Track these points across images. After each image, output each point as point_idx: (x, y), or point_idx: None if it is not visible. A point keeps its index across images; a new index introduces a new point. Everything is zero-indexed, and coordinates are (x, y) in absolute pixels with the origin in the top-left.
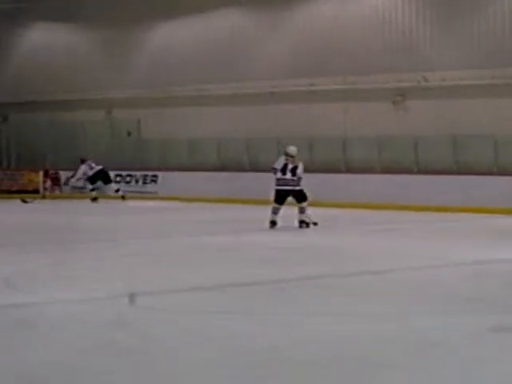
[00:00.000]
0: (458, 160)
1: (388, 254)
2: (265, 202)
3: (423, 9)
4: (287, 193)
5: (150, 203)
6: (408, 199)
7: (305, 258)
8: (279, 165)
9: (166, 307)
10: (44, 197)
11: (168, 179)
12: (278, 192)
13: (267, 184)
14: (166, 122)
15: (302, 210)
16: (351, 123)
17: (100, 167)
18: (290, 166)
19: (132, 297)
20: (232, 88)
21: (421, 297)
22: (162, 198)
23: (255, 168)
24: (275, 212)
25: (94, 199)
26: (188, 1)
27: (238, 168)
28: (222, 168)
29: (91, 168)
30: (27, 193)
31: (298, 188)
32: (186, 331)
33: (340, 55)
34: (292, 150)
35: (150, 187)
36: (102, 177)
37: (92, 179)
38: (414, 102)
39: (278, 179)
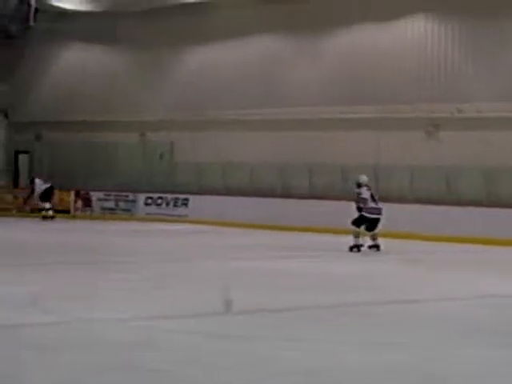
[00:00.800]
0: (490, 192)
1: (419, 284)
2: (293, 229)
3: (458, 39)
4: (379, 221)
5: (180, 226)
6: (439, 229)
7: (333, 286)
8: (366, 194)
9: (190, 330)
10: (74, 217)
11: (199, 203)
12: (373, 220)
13: (298, 210)
14: (199, 145)
15: (376, 236)
16: (384, 152)
17: (49, 184)
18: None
19: (228, 304)
20: (266, 114)
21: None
22: (192, 222)
23: (287, 194)
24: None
25: (51, 217)
26: (224, 25)
27: (271, 194)
28: (255, 193)
29: (41, 185)
30: (58, 212)
31: None
32: (212, 356)
33: (374, 84)
34: (366, 178)
35: (180, 210)
36: (48, 194)
37: (43, 197)
38: (448, 133)
39: (373, 208)
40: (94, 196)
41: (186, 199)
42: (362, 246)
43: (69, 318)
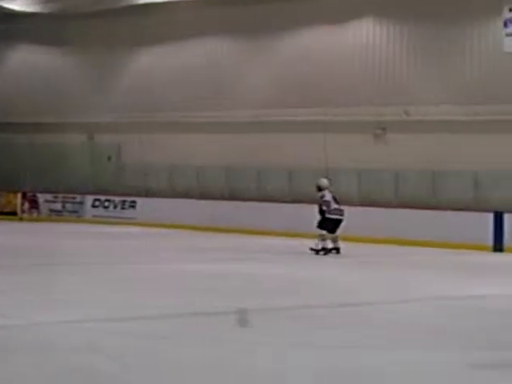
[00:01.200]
0: (437, 195)
1: (365, 287)
2: (241, 231)
3: (406, 43)
4: (341, 222)
5: (128, 229)
6: (385, 232)
7: (280, 289)
8: (328, 197)
9: (141, 333)
10: (21, 219)
11: (147, 205)
12: (336, 221)
13: (246, 213)
14: (146, 147)
15: (336, 239)
16: (331, 155)
17: None
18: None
19: (242, 316)
20: (213, 116)
21: (401, 331)
22: (140, 224)
23: (234, 197)
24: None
25: None
26: (172, 27)
27: (218, 196)
28: (202, 195)
29: None
30: (4, 214)
31: None
32: (160, 358)
33: (322, 86)
34: (326, 182)
35: (128, 213)
36: None
37: None
38: (395, 136)
39: (336, 209)
40: (41, 198)
41: (134, 202)
42: (329, 250)
43: (17, 321)
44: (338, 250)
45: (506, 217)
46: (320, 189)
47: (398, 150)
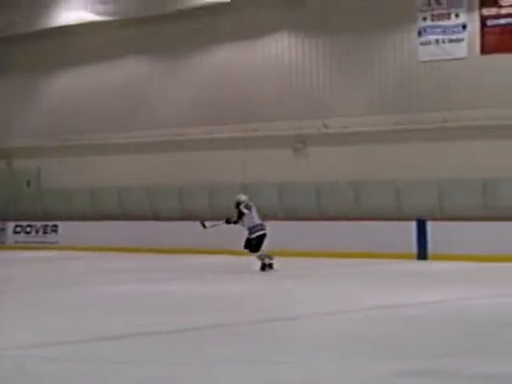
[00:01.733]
0: (360, 205)
1: (290, 301)
2: (165, 251)
3: (323, 55)
4: (265, 236)
5: (51, 253)
6: (310, 245)
7: (212, 306)
8: (248, 212)
9: (68, 358)
10: None
11: (69, 229)
12: (263, 236)
13: (169, 232)
14: (66, 171)
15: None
16: (252, 170)
17: None
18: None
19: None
20: (132, 137)
21: (324, 342)
22: (63, 248)
23: (157, 217)
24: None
25: None
26: (88, 49)
27: (140, 217)
28: (124, 217)
29: None
30: None
31: None
32: (89, 382)
33: (240, 102)
34: (245, 197)
35: (50, 237)
36: None
37: None
38: (315, 149)
39: (258, 225)
40: None
41: (56, 226)
42: (270, 264)
43: None
44: (270, 265)
45: (429, 224)
46: (239, 204)
47: (318, 164)
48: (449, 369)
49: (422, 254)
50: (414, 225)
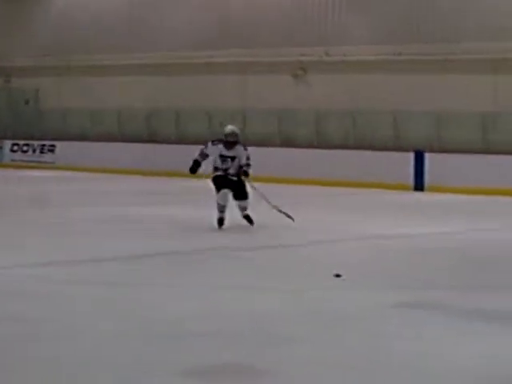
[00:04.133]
0: (358, 135)
1: (291, 229)
2: (161, 174)
3: None
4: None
5: (48, 173)
6: (308, 173)
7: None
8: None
9: (72, 278)
10: None
11: (66, 149)
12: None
13: (165, 155)
14: (65, 91)
15: None
16: (250, 96)
17: None
18: None
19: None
20: (133, 58)
21: (323, 271)
22: (59, 168)
23: (154, 139)
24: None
25: None
26: None
27: (137, 139)
28: (122, 139)
29: None
30: None
31: None
32: (92, 302)
33: (241, 27)
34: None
35: (47, 157)
36: None
37: None
38: (316, 77)
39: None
40: None
41: (53, 145)
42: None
43: None
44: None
45: (427, 156)
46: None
47: (318, 91)
48: (446, 300)
49: (419, 186)
50: (411, 156)
